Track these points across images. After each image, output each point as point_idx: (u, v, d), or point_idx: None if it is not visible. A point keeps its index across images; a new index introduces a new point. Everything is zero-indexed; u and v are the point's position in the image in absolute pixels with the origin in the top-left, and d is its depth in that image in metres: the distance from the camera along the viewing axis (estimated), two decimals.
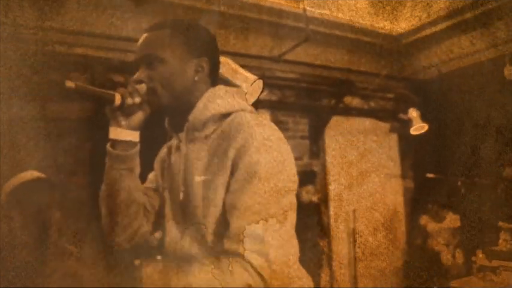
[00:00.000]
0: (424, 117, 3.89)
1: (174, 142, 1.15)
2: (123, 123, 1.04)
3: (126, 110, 1.03)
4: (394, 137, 4.29)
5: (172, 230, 1.11)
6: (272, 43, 3.34)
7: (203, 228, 1.01)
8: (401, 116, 4.07)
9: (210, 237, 1.00)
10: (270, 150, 0.97)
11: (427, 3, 3.45)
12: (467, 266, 3.40)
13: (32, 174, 1.71)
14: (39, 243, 1.61)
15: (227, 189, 0.98)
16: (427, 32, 3.66)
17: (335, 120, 4.01)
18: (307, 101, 3.75)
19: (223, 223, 0.98)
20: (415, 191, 4.28)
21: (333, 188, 4.42)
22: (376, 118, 4.18)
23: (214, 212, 0.99)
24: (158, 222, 1.18)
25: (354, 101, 4.06)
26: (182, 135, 1.09)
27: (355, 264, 4.02)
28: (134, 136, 1.05)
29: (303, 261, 1.09)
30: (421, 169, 4.05)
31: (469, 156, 3.62)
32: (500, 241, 3.18)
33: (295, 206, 0.97)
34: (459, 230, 3.90)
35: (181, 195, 1.07)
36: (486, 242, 3.27)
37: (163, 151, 1.22)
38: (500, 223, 3.21)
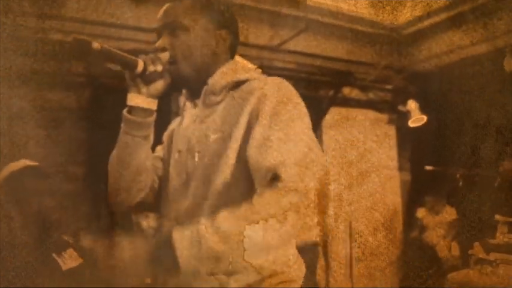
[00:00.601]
0: (422, 109, 3.84)
1: (187, 111, 1.15)
2: (143, 90, 1.04)
3: (147, 77, 1.02)
4: (392, 129, 4.24)
5: (176, 196, 1.09)
6: (271, 32, 3.31)
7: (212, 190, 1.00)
8: (400, 107, 4.03)
9: (216, 195, 1.00)
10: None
11: (427, 3, 3.45)
12: (464, 259, 3.38)
13: (24, 162, 1.70)
14: (39, 243, 1.61)
15: (244, 140, 0.98)
16: (427, 23, 3.63)
17: (333, 111, 3.97)
18: (305, 91, 3.70)
19: (235, 176, 0.99)
20: (413, 183, 4.24)
21: (332, 188, 4.42)
22: (375, 110, 4.13)
23: (226, 165, 0.99)
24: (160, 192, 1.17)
25: (353, 92, 4.01)
26: (199, 100, 1.10)
27: (351, 264, 4.02)
28: (152, 104, 1.05)
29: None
30: (419, 161, 4.00)
31: (469, 156, 3.62)
32: (498, 234, 3.16)
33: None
34: (456, 222, 3.88)
35: (196, 156, 1.06)
36: (483, 235, 3.24)
37: (175, 123, 1.22)
38: (497, 216, 3.18)
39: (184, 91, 1.16)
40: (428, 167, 3.71)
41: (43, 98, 2.69)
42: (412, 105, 3.89)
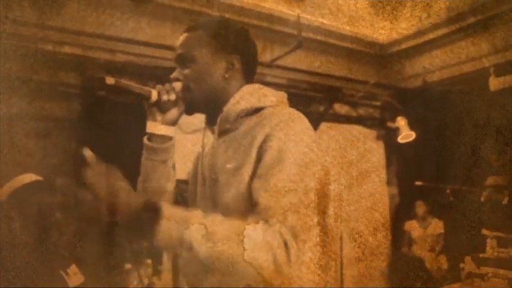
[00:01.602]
0: (410, 125, 3.92)
1: (208, 137, 1.18)
2: (159, 118, 1.12)
3: (162, 106, 1.10)
4: (380, 145, 4.30)
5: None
6: (264, 48, 3.33)
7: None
8: (389, 124, 4.10)
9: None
10: (299, 144, 1.00)
11: (427, 3, 3.45)
12: (454, 272, 3.44)
13: (30, 177, 1.71)
14: (39, 243, 1.61)
15: (253, 176, 1.00)
16: (414, 42, 3.76)
17: (324, 126, 4.00)
18: (297, 107, 3.72)
19: (244, 208, 0.99)
20: (401, 197, 4.32)
21: (332, 188, 4.42)
22: (364, 126, 4.20)
23: (236, 197, 1.01)
24: None
25: (343, 109, 4.08)
26: (216, 127, 1.12)
27: (341, 265, 4.02)
28: (169, 131, 1.14)
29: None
30: (406, 176, 4.07)
31: (469, 156, 3.62)
32: (488, 248, 3.23)
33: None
34: (444, 236, 3.95)
35: (209, 183, 1.10)
36: (473, 249, 3.30)
37: (199, 147, 1.24)
38: (484, 231, 3.28)
39: (205, 117, 1.18)
40: (418, 182, 3.77)
41: (42, 100, 2.69)
42: (401, 122, 3.96)
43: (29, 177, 1.72)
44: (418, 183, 3.75)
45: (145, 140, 1.14)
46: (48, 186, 1.74)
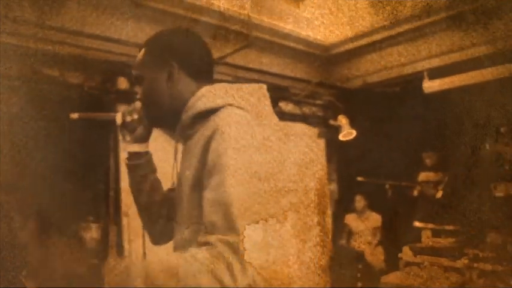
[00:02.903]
0: (351, 124, 4.07)
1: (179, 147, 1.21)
2: (128, 138, 1.20)
3: (128, 127, 1.18)
4: (322, 142, 4.39)
5: (177, 230, 1.12)
6: (213, 46, 3.34)
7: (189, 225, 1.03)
8: (332, 122, 4.21)
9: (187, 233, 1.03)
10: (246, 152, 0.96)
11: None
12: (392, 262, 3.64)
13: None
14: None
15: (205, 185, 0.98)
16: (355, 44, 3.95)
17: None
18: None
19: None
20: (341, 192, 4.45)
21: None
22: (307, 123, 4.29)
23: (201, 200, 0.99)
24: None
25: (288, 107, 4.16)
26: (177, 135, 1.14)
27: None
28: (142, 147, 1.21)
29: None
30: (348, 172, 4.23)
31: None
32: (423, 239, 3.51)
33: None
34: (382, 229, 4.14)
35: (176, 191, 1.13)
36: (408, 239, 3.54)
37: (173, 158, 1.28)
38: (416, 223, 3.57)
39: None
40: (359, 178, 3.93)
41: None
42: (342, 120, 4.07)
43: None
44: (359, 178, 3.93)
45: (125, 159, 1.22)
46: None
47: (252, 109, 1.09)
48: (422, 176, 3.97)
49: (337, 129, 4.10)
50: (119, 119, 1.16)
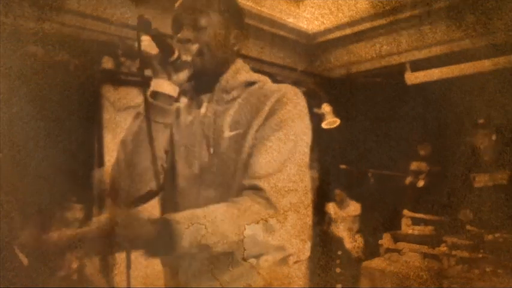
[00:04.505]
0: (335, 113, 4.08)
1: (183, 107, 1.18)
2: (174, 77, 1.05)
3: (178, 65, 1.04)
4: None
5: (185, 189, 1.10)
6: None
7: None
8: (315, 110, 4.20)
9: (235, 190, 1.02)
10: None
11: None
12: (372, 249, 3.77)
13: None
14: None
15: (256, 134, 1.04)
16: (339, 33, 3.99)
17: None
18: None
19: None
20: (322, 180, 4.45)
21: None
22: None
23: (242, 161, 1.03)
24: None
25: None
26: (206, 96, 1.13)
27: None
28: (175, 91, 1.07)
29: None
30: (330, 160, 4.29)
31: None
32: (403, 226, 3.66)
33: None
34: (361, 217, 4.20)
35: (212, 150, 1.08)
36: (388, 227, 3.69)
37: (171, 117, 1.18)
38: (405, 211, 3.68)
39: (190, 84, 1.15)
40: (342, 166, 4.01)
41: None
42: (326, 108, 4.06)
43: None
44: (342, 166, 4.00)
45: (150, 98, 1.04)
46: None
47: None
48: (414, 165, 4.03)
49: (321, 117, 4.10)
50: (176, 53, 1.03)
